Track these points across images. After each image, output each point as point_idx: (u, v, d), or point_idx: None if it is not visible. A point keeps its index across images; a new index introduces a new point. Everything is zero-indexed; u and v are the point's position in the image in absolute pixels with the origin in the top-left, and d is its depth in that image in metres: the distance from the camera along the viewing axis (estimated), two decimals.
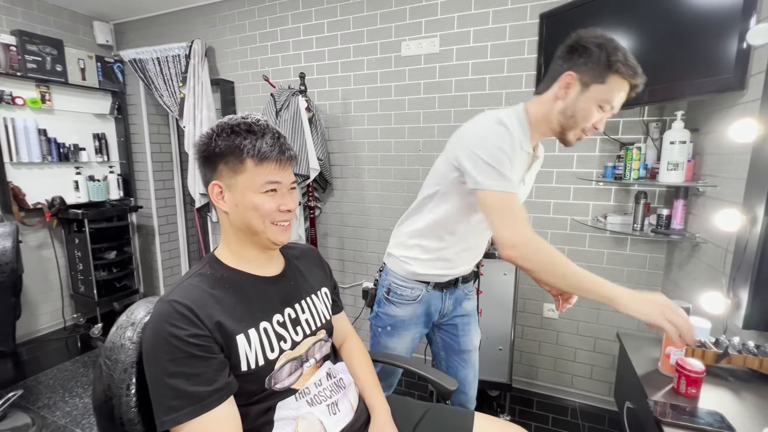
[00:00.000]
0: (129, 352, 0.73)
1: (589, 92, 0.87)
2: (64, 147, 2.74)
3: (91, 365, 2.39)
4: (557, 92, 0.91)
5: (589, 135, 0.94)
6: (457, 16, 2.00)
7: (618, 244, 1.87)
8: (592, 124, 0.90)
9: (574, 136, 0.93)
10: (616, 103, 0.88)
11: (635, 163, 1.57)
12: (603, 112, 0.89)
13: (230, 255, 0.81)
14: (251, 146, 0.74)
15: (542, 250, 0.87)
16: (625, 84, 0.86)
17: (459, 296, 1.24)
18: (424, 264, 1.12)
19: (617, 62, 0.83)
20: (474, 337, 1.29)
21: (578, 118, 0.90)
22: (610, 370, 1.97)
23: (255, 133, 0.76)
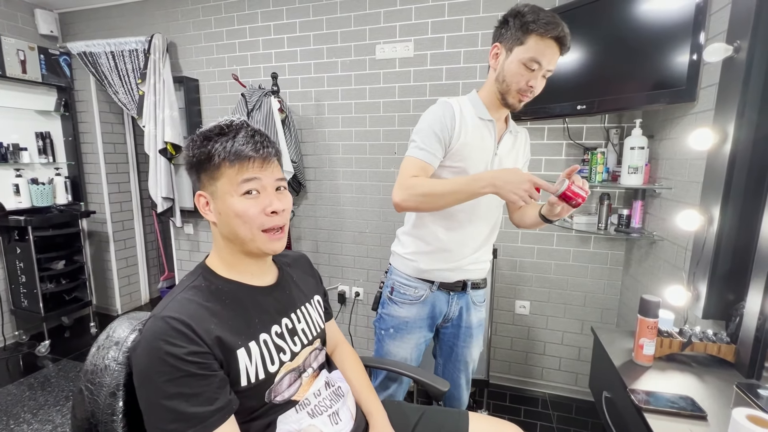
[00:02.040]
0: (115, 373, 0.67)
1: (512, 55, 0.97)
2: (2, 147, 2.48)
3: (38, 387, 2.17)
4: (490, 65, 1.04)
5: (528, 96, 1.00)
6: (431, 21, 2.04)
7: (583, 242, 1.99)
8: (526, 84, 0.97)
9: (514, 99, 1.01)
10: (544, 61, 0.95)
11: (599, 167, 1.69)
12: (532, 71, 0.96)
13: (223, 265, 0.77)
14: (221, 148, 0.70)
15: (415, 188, 0.99)
16: (546, 41, 0.94)
17: (467, 303, 1.20)
18: (427, 258, 1.14)
19: (530, 23, 0.93)
20: (474, 350, 1.26)
21: (509, 80, 0.98)
22: (577, 361, 2.09)
23: (227, 134, 0.72)
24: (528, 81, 0.97)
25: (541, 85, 0.99)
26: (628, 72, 1.53)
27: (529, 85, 0.97)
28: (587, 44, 1.64)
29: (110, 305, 3.11)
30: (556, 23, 0.93)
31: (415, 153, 1.02)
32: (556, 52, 0.95)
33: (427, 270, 1.15)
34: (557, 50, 0.95)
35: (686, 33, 1.33)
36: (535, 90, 0.99)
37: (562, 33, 0.93)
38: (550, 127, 1.95)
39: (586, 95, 1.66)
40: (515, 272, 2.11)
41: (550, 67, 0.97)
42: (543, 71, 0.96)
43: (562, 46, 0.95)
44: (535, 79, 0.97)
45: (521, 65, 0.96)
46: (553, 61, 0.96)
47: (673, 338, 1.05)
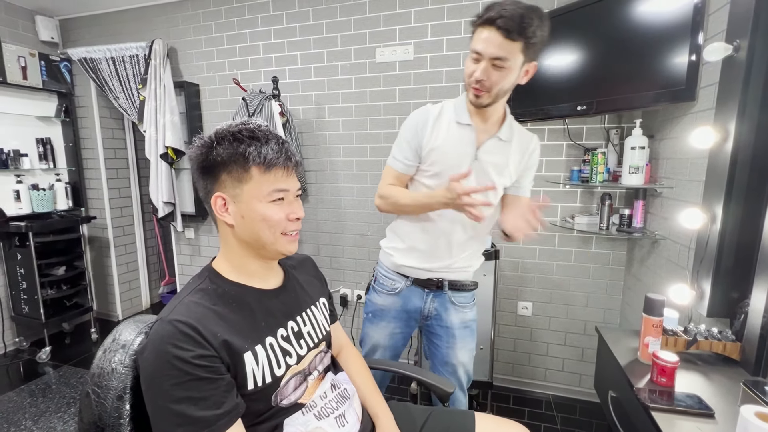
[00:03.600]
0: (121, 377, 0.67)
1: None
2: (2, 153, 2.48)
3: (39, 394, 2.16)
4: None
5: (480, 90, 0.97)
6: (430, 24, 2.05)
7: (584, 242, 1.99)
8: (471, 77, 0.97)
9: (471, 95, 1.01)
10: (480, 47, 0.92)
11: (600, 167, 1.69)
12: (476, 61, 0.95)
13: (230, 268, 0.77)
14: (257, 153, 0.71)
15: (387, 198, 1.13)
16: (480, 29, 0.92)
17: (444, 302, 1.20)
18: (401, 254, 1.21)
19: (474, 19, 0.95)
20: (461, 352, 1.23)
21: (465, 76, 1.01)
22: (580, 362, 2.09)
23: (259, 139, 0.72)
24: (471, 72, 0.96)
25: (495, 75, 0.94)
26: (628, 72, 1.54)
27: (473, 77, 0.95)
28: (586, 45, 1.65)
29: (111, 311, 3.10)
30: (490, 9, 0.90)
31: (391, 162, 1.14)
32: (493, 35, 0.89)
33: (402, 265, 1.20)
34: (494, 32, 0.89)
35: (685, 33, 1.34)
36: (486, 81, 0.95)
37: (493, 14, 0.89)
38: (551, 128, 1.96)
39: (586, 96, 1.67)
40: (517, 273, 2.11)
41: (490, 52, 0.91)
42: (486, 60, 0.92)
43: (498, 28, 0.88)
44: (478, 70, 0.94)
45: (469, 60, 0.97)
46: (490, 44, 0.90)
47: (678, 337, 1.05)
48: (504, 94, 1.01)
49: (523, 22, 0.88)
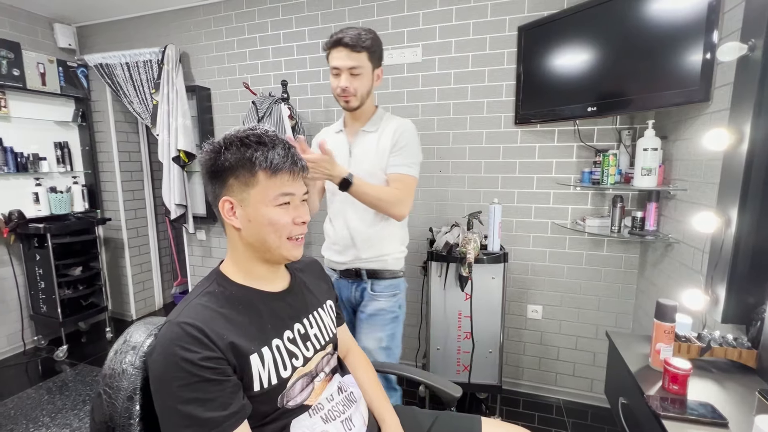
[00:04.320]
0: (132, 378, 0.69)
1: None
2: (23, 157, 2.56)
3: (57, 391, 2.22)
4: None
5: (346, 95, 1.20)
6: (438, 26, 2.05)
7: (596, 245, 1.96)
8: (336, 87, 1.20)
9: (340, 102, 1.23)
10: (337, 63, 1.17)
11: (612, 169, 1.66)
12: (337, 76, 1.19)
13: (238, 271, 0.78)
14: (263, 158, 0.72)
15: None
16: (332, 50, 1.18)
17: (364, 291, 1.34)
18: (326, 250, 1.41)
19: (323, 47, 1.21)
20: (366, 338, 1.31)
21: (332, 90, 1.23)
22: (591, 367, 2.05)
23: (266, 144, 0.74)
24: (337, 84, 1.19)
25: (356, 82, 1.18)
26: (640, 72, 1.51)
27: (339, 86, 1.18)
28: (597, 45, 1.63)
29: (125, 311, 3.17)
30: (334, 35, 1.16)
31: None
32: (343, 52, 1.15)
33: (328, 260, 1.39)
34: (343, 50, 1.15)
35: (699, 32, 1.31)
36: (350, 88, 1.18)
37: (336, 37, 1.16)
38: (561, 129, 1.94)
39: (597, 97, 1.64)
40: (527, 276, 2.09)
41: (345, 64, 1.15)
42: (345, 72, 1.16)
43: (345, 45, 1.14)
44: (341, 80, 1.18)
45: (331, 77, 1.21)
46: (343, 60, 1.15)
47: (691, 343, 1.03)
48: (368, 95, 1.24)
49: (361, 37, 1.15)
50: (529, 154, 1.99)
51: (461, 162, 2.11)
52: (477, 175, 2.10)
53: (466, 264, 1.62)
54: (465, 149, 2.10)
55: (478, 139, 2.07)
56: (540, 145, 1.98)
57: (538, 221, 2.03)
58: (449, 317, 1.80)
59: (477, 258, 1.66)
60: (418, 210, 2.23)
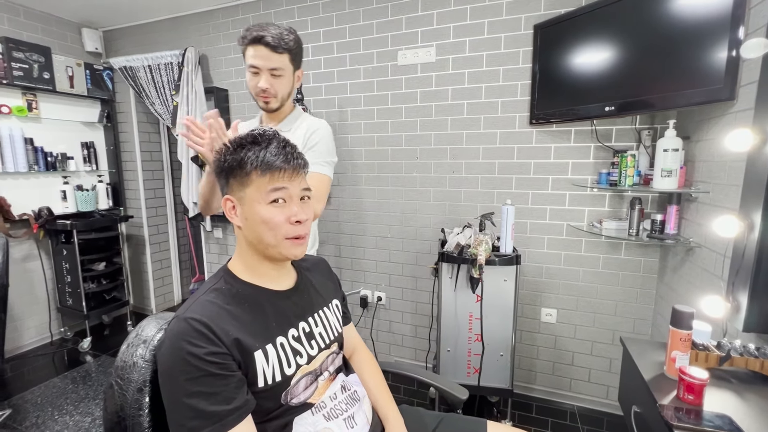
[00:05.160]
0: (142, 370, 0.71)
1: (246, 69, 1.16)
2: (52, 156, 2.68)
3: (81, 381, 2.31)
4: None
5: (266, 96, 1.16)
6: (452, 26, 2.03)
7: (613, 248, 1.91)
8: (256, 87, 1.15)
9: (259, 102, 1.20)
10: (255, 61, 1.12)
11: (630, 170, 1.61)
12: (256, 74, 1.14)
13: (244, 269, 0.80)
14: (254, 157, 0.74)
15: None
16: (250, 47, 1.11)
17: None
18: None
19: (239, 39, 1.13)
20: None
21: (249, 89, 1.19)
22: (608, 373, 2.00)
23: (260, 143, 0.75)
24: (256, 84, 1.14)
25: (278, 83, 1.15)
26: (661, 71, 1.46)
27: (259, 87, 1.14)
28: (616, 43, 1.59)
29: (146, 305, 3.28)
30: (252, 31, 1.09)
31: None
32: (264, 51, 1.10)
33: None
34: (263, 49, 1.10)
35: (723, 28, 1.26)
36: (270, 89, 1.15)
37: (256, 34, 1.09)
38: (577, 130, 1.89)
39: (615, 96, 1.60)
40: (541, 279, 2.05)
41: (266, 64, 1.11)
42: (265, 72, 1.12)
43: (266, 45, 1.09)
44: (260, 81, 1.13)
45: (248, 74, 1.15)
46: (264, 59, 1.11)
47: (709, 352, 0.99)
48: (288, 96, 1.22)
49: (284, 38, 1.11)
50: (545, 154, 1.96)
51: (475, 162, 2.09)
52: (491, 175, 2.07)
53: (477, 266, 1.61)
54: (479, 149, 2.08)
55: (492, 139, 2.04)
56: (556, 145, 1.94)
57: (553, 223, 1.99)
58: (460, 319, 1.79)
59: (488, 260, 1.64)
60: (430, 210, 2.22)
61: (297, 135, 1.26)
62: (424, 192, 2.22)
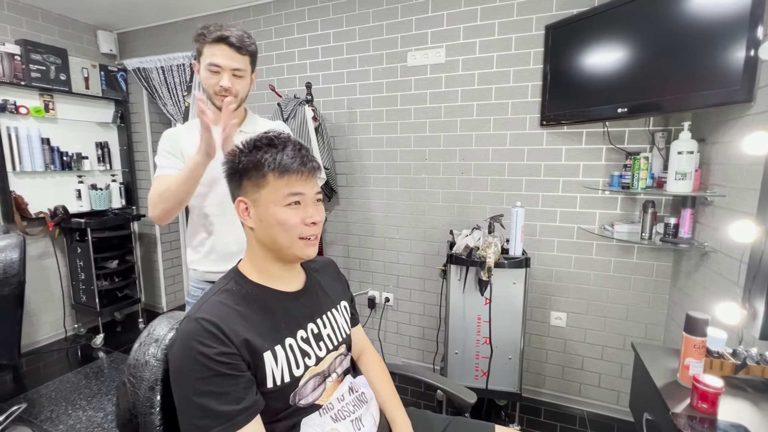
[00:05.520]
0: (154, 369, 0.72)
1: (201, 66, 1.12)
2: (67, 156, 2.73)
3: (93, 377, 2.36)
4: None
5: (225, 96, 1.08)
6: (462, 27, 2.02)
7: (625, 252, 1.88)
8: (217, 85, 1.10)
9: (217, 101, 1.12)
10: (217, 60, 1.08)
11: (643, 173, 1.59)
12: (216, 73, 1.09)
13: (254, 270, 0.80)
14: (272, 159, 0.75)
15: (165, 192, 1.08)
16: (214, 45, 1.08)
17: None
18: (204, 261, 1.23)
19: (198, 36, 1.09)
20: None
21: (205, 86, 1.13)
22: (619, 379, 1.97)
23: (276, 146, 0.76)
24: (217, 83, 1.09)
25: (239, 84, 1.12)
26: (676, 71, 1.44)
27: (220, 86, 1.09)
28: (630, 43, 1.56)
29: (156, 303, 3.32)
30: (217, 28, 1.08)
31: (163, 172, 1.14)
32: (227, 51, 1.08)
33: (206, 272, 1.23)
34: (227, 49, 1.08)
35: (741, 28, 1.23)
36: (233, 89, 1.10)
37: (220, 33, 1.07)
38: (589, 131, 1.87)
39: (629, 97, 1.58)
40: (550, 282, 2.03)
41: (230, 64, 1.08)
42: (227, 71, 1.09)
43: (231, 45, 1.08)
44: (222, 80, 1.09)
45: (206, 72, 1.10)
46: (228, 59, 1.08)
47: (724, 360, 0.97)
48: (246, 97, 1.19)
49: (245, 40, 1.11)
50: (555, 156, 1.94)
51: (484, 164, 2.08)
52: (500, 177, 2.06)
53: (485, 268, 1.59)
54: (488, 151, 2.06)
55: (502, 140, 2.03)
56: (567, 147, 1.91)
57: (563, 226, 1.97)
58: (468, 321, 1.78)
59: (497, 262, 1.63)
60: (439, 212, 2.21)
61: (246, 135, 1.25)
62: (433, 193, 2.22)
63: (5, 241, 1.58)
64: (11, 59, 2.42)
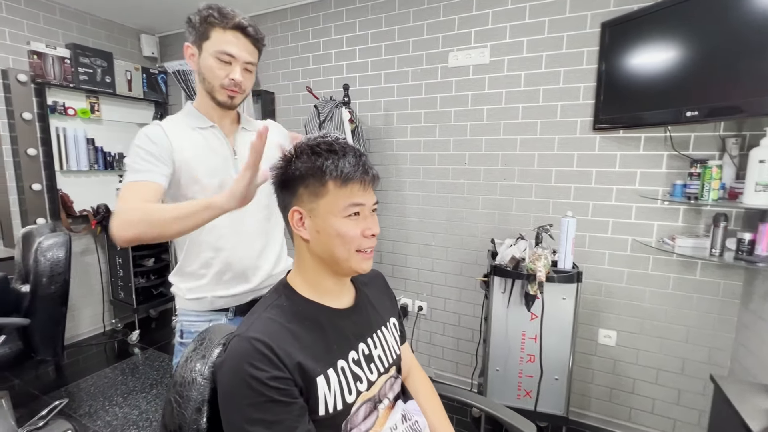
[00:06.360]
0: (201, 389, 0.68)
1: (203, 52, 0.95)
2: (110, 156, 2.81)
3: (129, 373, 2.40)
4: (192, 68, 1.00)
5: (236, 90, 0.97)
6: (509, 25, 1.92)
7: (686, 268, 1.72)
8: (228, 78, 0.95)
9: (222, 96, 0.98)
10: (234, 50, 0.94)
11: (715, 182, 1.44)
12: (228, 64, 0.95)
13: (306, 285, 0.75)
14: (333, 167, 0.69)
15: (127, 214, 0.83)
16: (228, 32, 0.93)
17: None
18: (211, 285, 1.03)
19: (207, 17, 0.93)
20: None
21: (208, 77, 0.96)
22: (675, 406, 1.80)
23: (336, 152, 0.70)
24: (228, 75, 0.95)
25: (248, 80, 0.99)
26: (758, 71, 1.29)
27: (231, 79, 0.95)
28: (701, 40, 1.42)
29: None
30: (232, 14, 0.94)
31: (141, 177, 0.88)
32: (243, 41, 0.95)
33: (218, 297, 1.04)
34: (243, 39, 0.95)
35: None
36: (243, 84, 0.98)
37: (239, 21, 0.94)
38: (648, 136, 1.72)
39: (699, 99, 1.43)
40: (600, 297, 1.89)
41: (245, 57, 0.96)
42: (241, 63, 0.96)
43: (248, 35, 0.95)
44: (234, 72, 0.95)
45: (214, 61, 0.94)
46: (244, 50, 0.95)
47: None
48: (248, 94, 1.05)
49: (259, 33, 0.99)
50: (609, 162, 1.80)
51: (529, 170, 1.97)
52: (546, 184, 1.94)
53: (536, 282, 1.49)
54: (534, 156, 1.95)
55: (550, 145, 1.91)
56: (622, 153, 1.78)
57: (616, 237, 1.83)
58: (511, 337, 1.67)
59: (549, 276, 1.52)
60: (478, 219, 2.11)
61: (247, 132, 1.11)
62: (472, 199, 2.12)
63: (53, 240, 1.62)
64: (62, 62, 2.51)
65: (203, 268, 1.03)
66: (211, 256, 1.02)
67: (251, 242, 1.07)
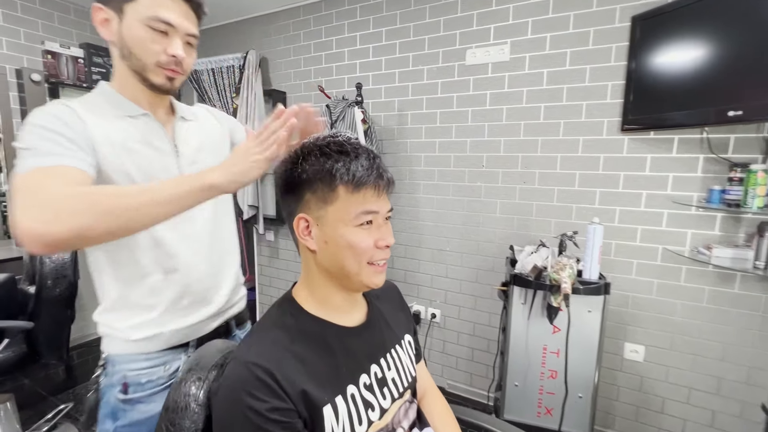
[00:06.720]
0: (194, 416, 0.61)
1: (126, 17, 0.70)
2: None
3: None
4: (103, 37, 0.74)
5: (177, 70, 0.74)
6: (531, 20, 1.83)
7: (724, 280, 1.59)
8: (166, 54, 0.72)
9: (159, 77, 0.74)
10: (173, 17, 0.71)
11: (761, 189, 1.32)
12: (164, 34, 0.71)
13: (312, 300, 0.68)
14: (345, 170, 0.61)
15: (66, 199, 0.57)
16: None
17: None
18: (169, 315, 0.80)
19: None
20: None
21: (137, 51, 0.71)
22: (709, 428, 1.67)
23: (348, 154, 0.63)
24: (164, 49, 0.71)
25: (190, 55, 0.76)
26: None
27: (171, 55, 0.72)
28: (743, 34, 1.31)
29: None
30: None
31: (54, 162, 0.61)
32: (185, 8, 0.73)
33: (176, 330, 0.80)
34: (185, 6, 0.73)
35: None
36: (185, 62, 0.75)
37: None
38: (682, 138, 1.60)
39: (744, 98, 1.32)
40: (626, 310, 1.77)
41: (187, 27, 0.73)
42: (181, 35, 0.73)
43: (190, 1, 0.73)
44: (174, 46, 0.72)
45: (148, 30, 0.70)
46: (186, 18, 0.73)
47: None
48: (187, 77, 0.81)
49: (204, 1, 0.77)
50: (638, 166, 1.69)
51: (550, 173, 1.86)
52: (569, 188, 1.83)
53: (560, 294, 1.39)
54: (556, 158, 1.84)
55: (573, 147, 1.80)
56: (653, 155, 1.66)
57: (645, 246, 1.71)
58: (532, 351, 1.57)
59: (575, 288, 1.42)
60: (495, 224, 2.02)
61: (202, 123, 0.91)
62: (490, 203, 2.02)
63: None
64: (75, 62, 2.51)
65: (151, 297, 0.78)
66: (158, 279, 0.78)
67: (208, 250, 0.85)
